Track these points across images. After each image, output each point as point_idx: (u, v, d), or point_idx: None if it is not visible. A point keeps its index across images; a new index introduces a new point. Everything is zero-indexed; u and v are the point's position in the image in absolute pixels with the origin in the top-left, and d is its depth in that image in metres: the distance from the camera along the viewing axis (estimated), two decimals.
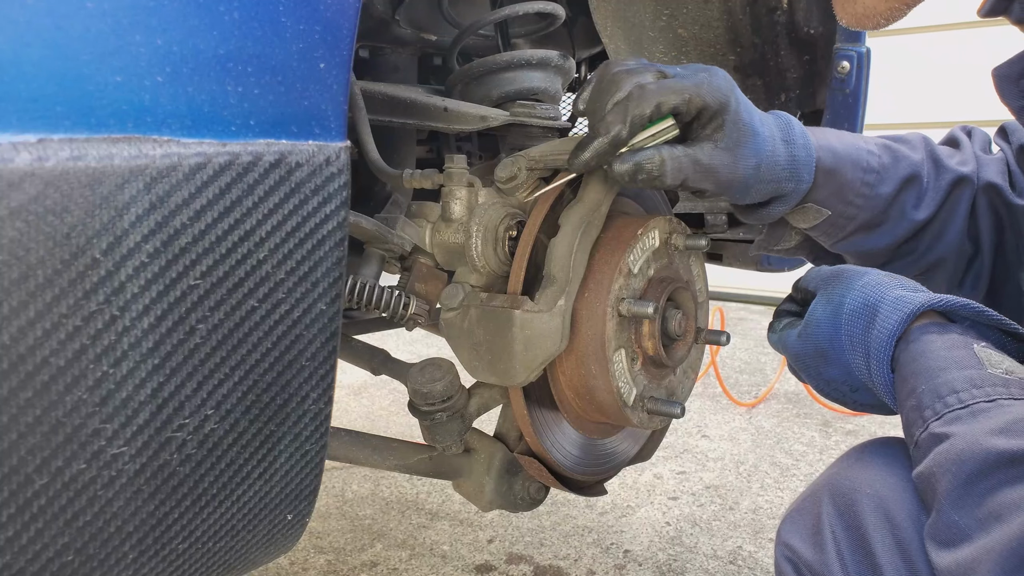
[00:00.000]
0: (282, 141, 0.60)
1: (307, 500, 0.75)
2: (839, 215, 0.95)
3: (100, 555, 0.59)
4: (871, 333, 0.76)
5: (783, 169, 0.89)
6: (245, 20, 0.56)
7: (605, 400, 0.91)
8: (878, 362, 0.75)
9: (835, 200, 0.95)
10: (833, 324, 0.81)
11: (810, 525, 0.74)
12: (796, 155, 0.89)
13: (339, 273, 0.66)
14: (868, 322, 0.77)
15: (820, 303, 0.84)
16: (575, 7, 1.45)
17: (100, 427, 0.55)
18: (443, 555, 1.86)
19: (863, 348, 0.77)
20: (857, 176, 0.94)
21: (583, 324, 0.88)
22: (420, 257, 0.99)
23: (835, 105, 1.27)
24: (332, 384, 0.70)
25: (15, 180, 0.47)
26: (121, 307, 0.53)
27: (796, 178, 0.90)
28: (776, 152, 0.87)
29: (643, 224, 0.92)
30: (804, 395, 2.89)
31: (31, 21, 0.47)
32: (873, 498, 0.69)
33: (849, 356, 0.79)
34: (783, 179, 0.89)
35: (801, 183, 0.91)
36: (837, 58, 1.23)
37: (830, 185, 0.94)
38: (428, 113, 1.06)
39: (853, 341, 0.78)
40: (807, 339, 0.84)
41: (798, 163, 0.90)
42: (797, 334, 0.86)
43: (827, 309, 0.82)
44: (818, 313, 0.83)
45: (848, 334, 0.79)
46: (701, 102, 0.80)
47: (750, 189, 0.87)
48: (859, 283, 0.80)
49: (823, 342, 0.82)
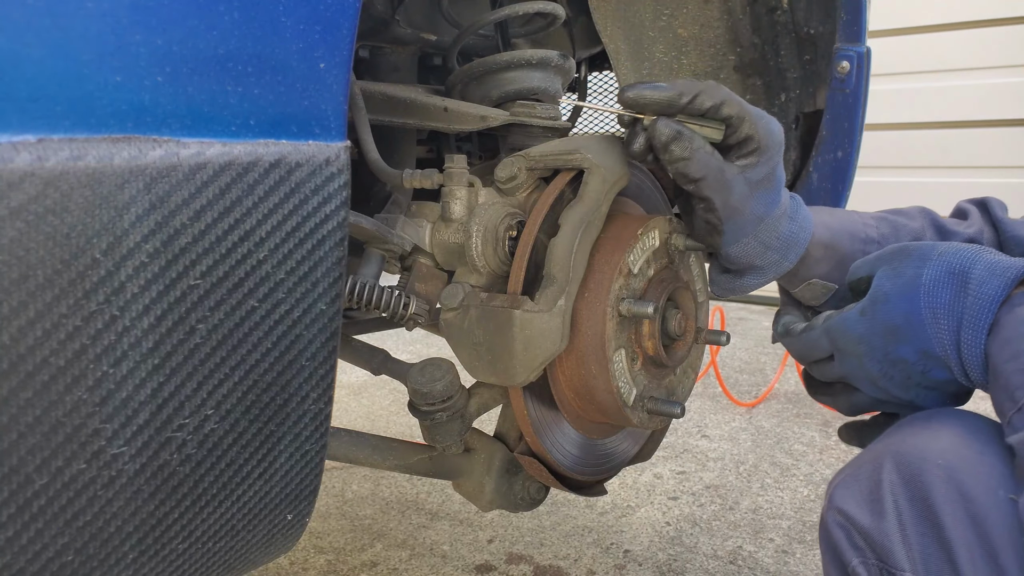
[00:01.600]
0: (282, 141, 0.60)
1: (307, 500, 0.75)
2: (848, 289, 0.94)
3: (100, 555, 0.59)
4: (966, 300, 0.72)
5: (778, 239, 0.91)
6: (245, 20, 0.56)
7: (605, 400, 0.91)
8: (974, 329, 0.72)
9: (838, 273, 0.94)
10: (909, 296, 0.76)
11: (867, 491, 0.71)
12: (794, 233, 0.91)
13: (339, 273, 0.66)
14: (959, 289, 0.73)
15: (887, 278, 0.79)
16: (575, 7, 1.44)
17: (100, 427, 0.55)
18: (443, 555, 1.86)
19: (954, 317, 0.73)
20: (857, 247, 0.94)
21: (583, 324, 0.88)
22: (420, 257, 0.99)
23: (835, 105, 1.27)
24: (332, 384, 0.70)
25: (15, 180, 0.47)
26: (121, 307, 0.53)
27: (783, 252, 0.91)
28: (780, 221, 0.91)
29: (643, 224, 0.92)
30: (804, 395, 2.89)
31: (31, 21, 0.47)
32: (944, 469, 0.66)
33: (931, 329, 0.75)
34: (772, 247, 0.91)
35: (784, 260, 0.92)
36: (837, 58, 1.23)
37: (830, 259, 0.94)
38: (428, 113, 1.06)
39: (937, 312, 0.74)
40: (875, 316, 0.79)
41: (792, 240, 0.91)
42: (860, 311, 0.80)
43: (898, 282, 0.78)
44: (886, 287, 0.79)
45: (930, 305, 0.75)
46: (752, 131, 0.84)
47: (741, 238, 0.89)
48: (936, 252, 0.77)
49: (896, 317, 0.77)
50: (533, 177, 0.95)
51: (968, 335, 0.72)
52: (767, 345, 3.63)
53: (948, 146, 3.72)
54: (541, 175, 0.96)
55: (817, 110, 1.33)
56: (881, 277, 0.80)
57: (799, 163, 1.37)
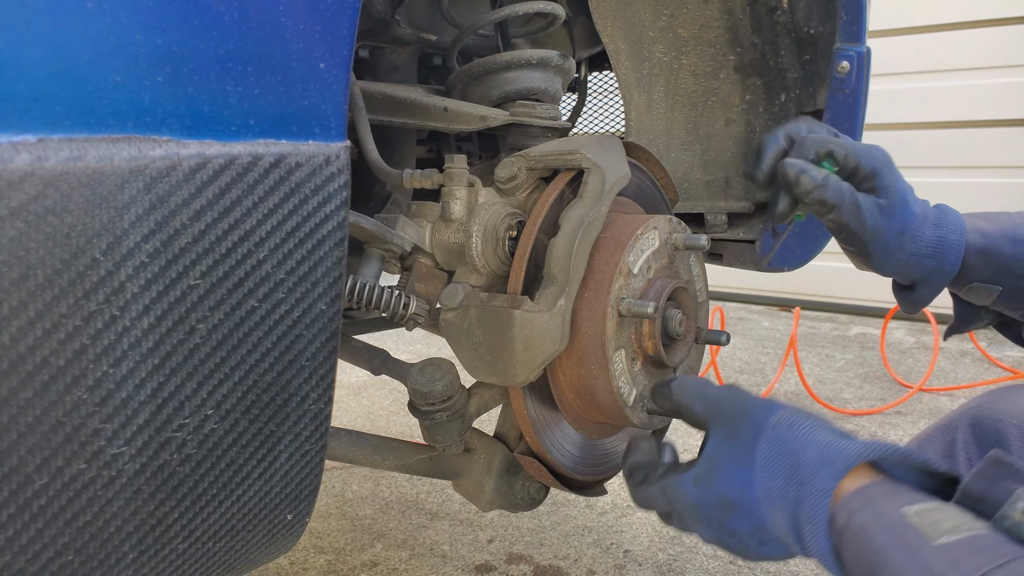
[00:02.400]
0: (282, 141, 0.60)
1: (307, 500, 0.75)
2: (1014, 289, 0.96)
3: (100, 555, 0.59)
4: (800, 489, 0.67)
5: (926, 246, 0.93)
6: (245, 20, 0.56)
7: (605, 400, 0.91)
8: (813, 527, 0.65)
9: (1003, 276, 0.95)
10: (743, 470, 0.71)
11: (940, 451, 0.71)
12: (944, 237, 0.94)
13: (339, 273, 0.66)
14: (790, 473, 0.68)
15: (721, 445, 0.74)
16: (575, 7, 1.44)
17: (100, 427, 0.55)
18: (443, 555, 1.86)
19: (788, 504, 0.68)
20: (1018, 250, 0.95)
21: (583, 324, 0.88)
22: (420, 257, 0.99)
23: (835, 105, 1.27)
24: (332, 384, 0.70)
25: (15, 180, 0.47)
26: (121, 307, 0.53)
27: (939, 257, 0.93)
28: (923, 229, 0.94)
29: (643, 224, 0.92)
30: (804, 395, 2.89)
31: (31, 21, 0.47)
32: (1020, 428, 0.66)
33: (765, 510, 0.70)
34: (925, 255, 0.93)
35: (945, 263, 0.94)
36: (837, 58, 1.23)
37: (990, 265, 0.95)
38: (428, 113, 1.06)
39: (771, 495, 0.69)
40: (709, 486, 0.73)
41: (944, 244, 0.94)
42: (694, 479, 0.75)
43: (733, 451, 0.73)
44: (721, 455, 0.74)
45: (764, 486, 0.70)
46: (856, 161, 0.92)
47: (891, 254, 0.92)
48: (770, 423, 0.72)
49: (731, 490, 0.72)
50: (533, 177, 0.95)
51: (809, 532, 0.66)
52: (767, 345, 3.63)
53: (948, 146, 3.72)
54: (541, 175, 0.96)
55: (817, 110, 1.33)
56: (717, 440, 0.75)
57: None
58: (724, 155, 1.41)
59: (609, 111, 1.90)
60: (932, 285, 0.96)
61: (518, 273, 0.87)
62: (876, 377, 3.09)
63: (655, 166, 1.08)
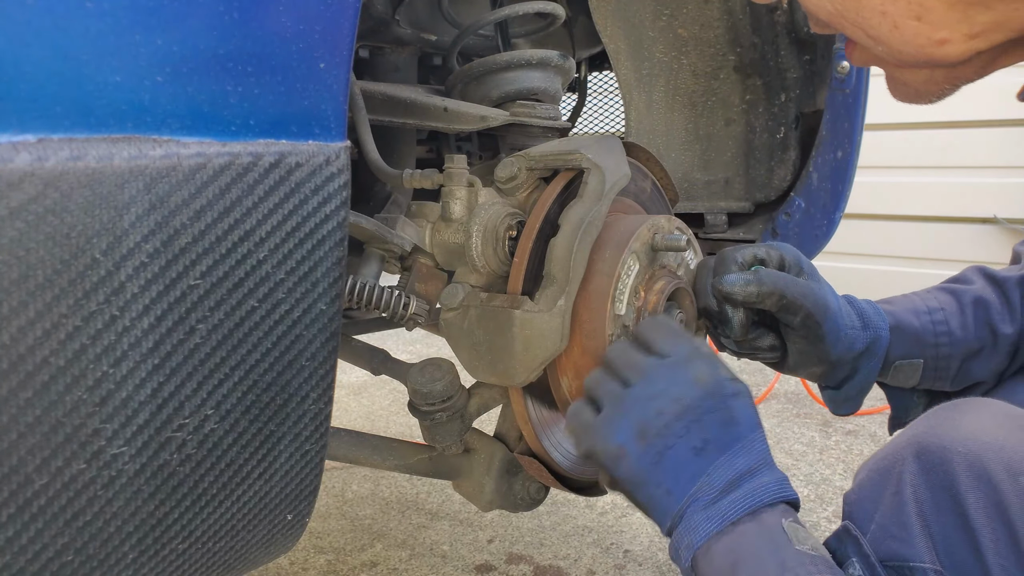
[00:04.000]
0: (282, 141, 0.60)
1: (307, 500, 0.75)
2: (934, 358, 0.98)
3: (100, 555, 0.59)
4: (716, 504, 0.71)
5: (856, 318, 0.96)
6: (245, 20, 0.56)
7: None
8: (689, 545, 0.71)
9: (919, 348, 0.97)
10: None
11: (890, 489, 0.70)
12: (862, 308, 0.98)
13: (339, 273, 0.66)
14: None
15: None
16: (575, 7, 1.44)
17: (100, 427, 0.55)
18: (443, 555, 1.86)
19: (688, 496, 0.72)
20: (924, 319, 0.98)
21: (583, 324, 0.88)
22: (420, 257, 0.99)
23: (835, 105, 1.27)
24: (332, 384, 0.70)
25: (15, 180, 0.47)
26: (121, 307, 0.53)
27: (872, 327, 0.96)
28: (844, 305, 0.96)
29: (643, 223, 0.92)
30: (804, 395, 2.89)
31: (31, 21, 0.47)
32: (966, 457, 0.65)
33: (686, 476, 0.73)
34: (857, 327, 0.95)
35: (880, 331, 0.96)
36: (837, 58, 1.23)
37: (906, 338, 0.97)
38: (428, 113, 1.06)
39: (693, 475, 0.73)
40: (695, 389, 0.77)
41: (866, 315, 0.98)
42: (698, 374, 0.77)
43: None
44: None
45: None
46: (779, 253, 0.95)
47: (838, 330, 0.93)
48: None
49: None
50: (533, 177, 0.95)
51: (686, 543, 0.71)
52: None
53: (948, 146, 3.72)
54: (541, 175, 0.96)
55: (817, 110, 1.33)
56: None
57: (799, 163, 1.37)
58: (724, 155, 1.41)
59: (609, 111, 1.90)
60: (875, 353, 0.97)
61: (518, 273, 0.87)
62: None
63: (655, 166, 1.08)
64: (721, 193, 1.43)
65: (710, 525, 0.69)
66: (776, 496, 0.70)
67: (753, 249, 0.95)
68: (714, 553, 0.68)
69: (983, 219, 3.66)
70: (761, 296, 0.90)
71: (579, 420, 0.79)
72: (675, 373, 0.75)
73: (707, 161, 1.42)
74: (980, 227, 3.69)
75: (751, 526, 0.68)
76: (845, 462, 2.29)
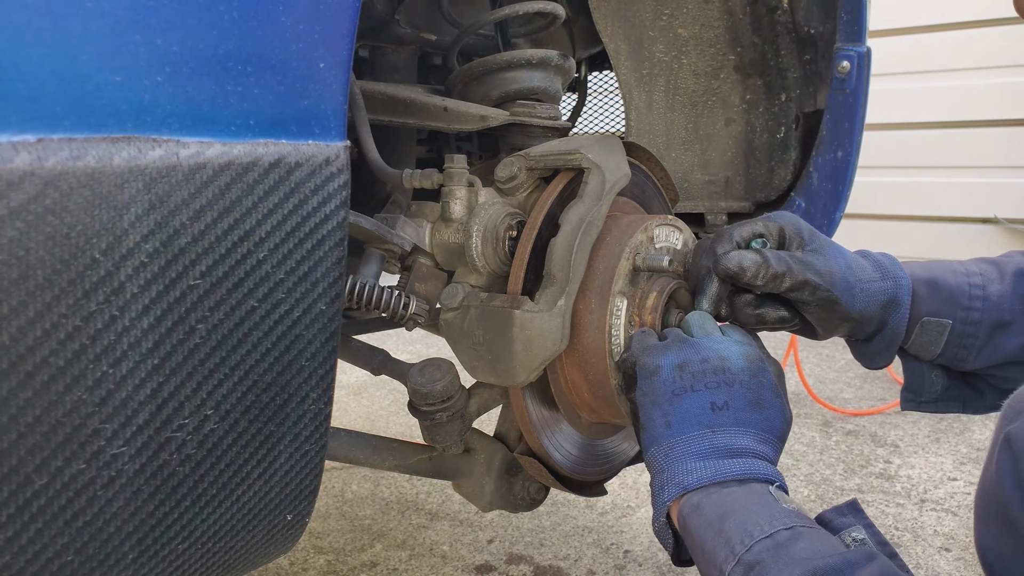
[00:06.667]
0: (282, 141, 0.60)
1: (307, 500, 0.75)
2: (963, 322, 0.94)
3: (100, 555, 0.59)
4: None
5: (873, 271, 0.94)
6: (245, 20, 0.56)
7: (606, 400, 0.91)
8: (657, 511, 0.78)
9: (950, 308, 0.94)
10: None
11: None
12: (878, 259, 0.96)
13: (339, 273, 0.66)
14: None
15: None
16: (575, 7, 1.44)
17: (100, 427, 0.55)
18: (443, 555, 1.86)
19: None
20: (961, 280, 0.95)
21: (583, 324, 0.88)
22: (420, 257, 0.99)
23: (835, 105, 1.27)
24: (332, 384, 0.70)
25: (15, 180, 0.47)
26: (121, 307, 0.53)
27: (892, 277, 0.94)
28: (863, 259, 0.95)
29: (643, 224, 0.92)
30: (804, 395, 2.89)
31: (31, 21, 0.47)
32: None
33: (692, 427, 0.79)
34: (876, 279, 0.94)
35: (901, 279, 0.94)
36: (837, 58, 1.23)
37: (938, 294, 0.95)
38: (428, 113, 1.05)
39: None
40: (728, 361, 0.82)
41: (883, 265, 0.95)
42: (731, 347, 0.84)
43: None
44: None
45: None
46: (778, 225, 0.94)
47: (852, 288, 0.92)
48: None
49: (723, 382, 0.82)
50: (533, 177, 0.95)
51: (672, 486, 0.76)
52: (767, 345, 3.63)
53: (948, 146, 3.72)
54: (541, 175, 0.96)
55: (817, 110, 1.33)
56: None
57: (799, 163, 1.37)
58: (724, 155, 1.41)
59: (609, 111, 1.90)
60: (899, 309, 0.94)
61: (518, 273, 0.87)
62: (876, 377, 3.09)
63: (655, 166, 1.08)
64: (721, 193, 1.43)
65: (705, 472, 0.74)
66: (770, 478, 0.75)
67: (751, 225, 0.94)
68: (704, 507, 0.73)
69: (983, 219, 3.66)
70: (770, 281, 0.89)
71: (641, 337, 0.87)
72: (732, 345, 0.83)
73: (707, 161, 1.42)
74: (980, 227, 3.69)
75: (741, 489, 0.73)
76: (845, 462, 2.29)
